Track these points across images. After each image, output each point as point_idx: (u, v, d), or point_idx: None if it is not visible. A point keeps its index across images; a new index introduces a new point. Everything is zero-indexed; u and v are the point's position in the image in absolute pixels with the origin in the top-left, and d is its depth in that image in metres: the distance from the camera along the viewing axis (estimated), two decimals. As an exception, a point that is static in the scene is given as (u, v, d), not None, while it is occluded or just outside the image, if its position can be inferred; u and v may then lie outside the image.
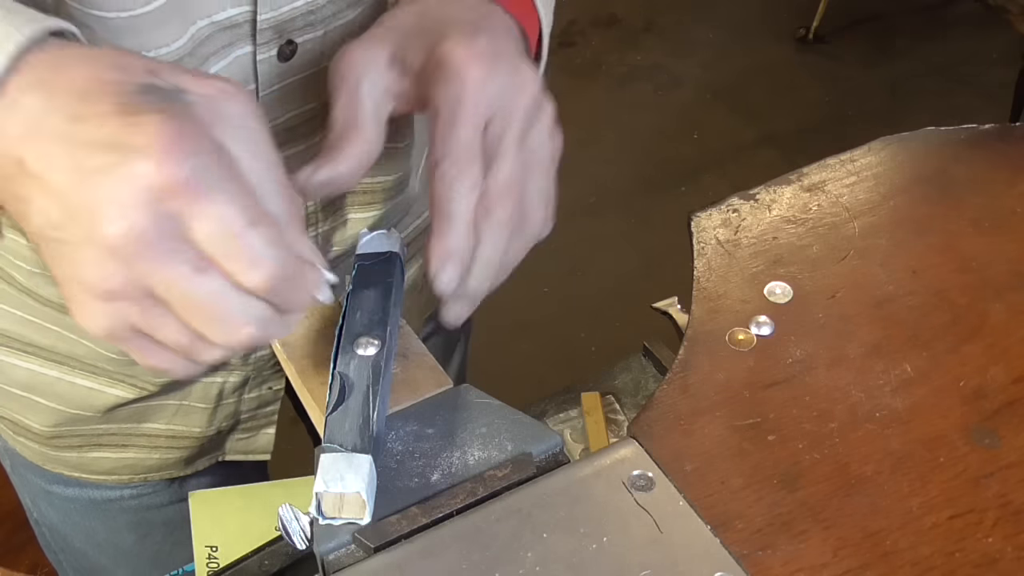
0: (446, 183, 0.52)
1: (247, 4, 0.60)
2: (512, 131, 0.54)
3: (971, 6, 2.62)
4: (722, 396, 0.60)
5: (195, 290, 0.44)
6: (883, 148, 0.76)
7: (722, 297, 0.65)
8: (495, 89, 0.53)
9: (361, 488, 0.50)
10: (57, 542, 0.95)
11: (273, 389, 0.85)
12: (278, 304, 0.46)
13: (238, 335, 0.45)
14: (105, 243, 0.42)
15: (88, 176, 0.42)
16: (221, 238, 0.44)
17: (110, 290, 0.43)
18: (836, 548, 0.53)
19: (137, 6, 0.55)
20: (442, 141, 0.52)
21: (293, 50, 0.64)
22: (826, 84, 2.69)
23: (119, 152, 0.42)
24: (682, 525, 0.52)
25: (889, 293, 0.65)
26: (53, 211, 0.43)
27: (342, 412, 0.52)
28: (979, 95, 2.59)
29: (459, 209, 0.52)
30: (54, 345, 0.76)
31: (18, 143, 0.43)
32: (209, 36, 0.60)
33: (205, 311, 0.44)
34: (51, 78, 0.44)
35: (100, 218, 0.42)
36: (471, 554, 0.50)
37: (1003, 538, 0.53)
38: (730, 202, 0.72)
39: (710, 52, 2.80)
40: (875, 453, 0.57)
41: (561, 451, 0.55)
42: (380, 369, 0.54)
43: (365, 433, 0.52)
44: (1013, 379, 0.60)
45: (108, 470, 0.85)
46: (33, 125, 0.43)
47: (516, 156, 0.54)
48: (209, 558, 0.82)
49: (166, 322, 0.45)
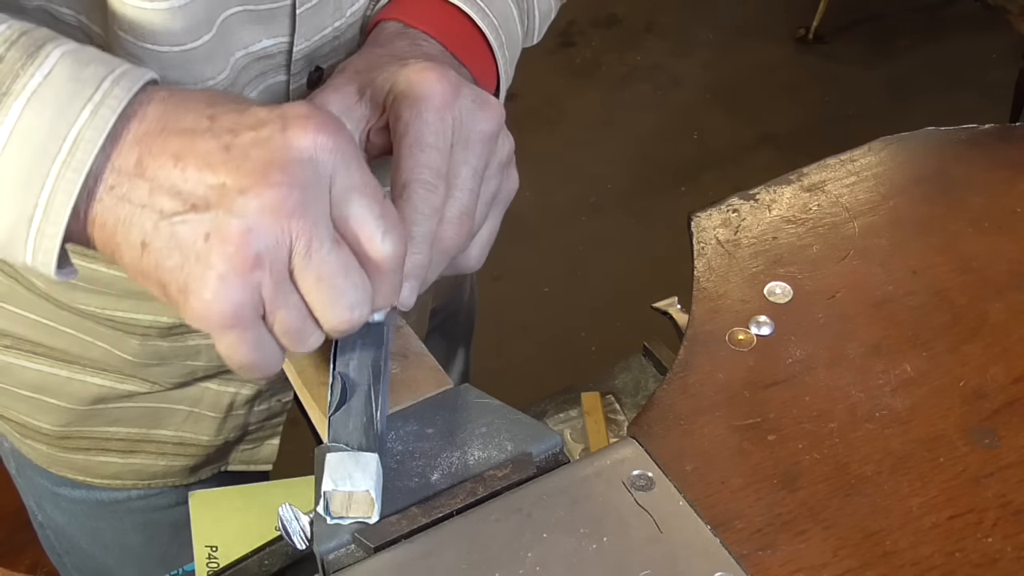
0: (412, 206, 0.52)
1: (283, 36, 0.61)
2: (472, 162, 0.54)
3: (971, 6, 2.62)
4: (722, 396, 0.60)
5: (330, 258, 0.46)
6: (883, 148, 0.76)
7: (722, 297, 0.65)
8: (459, 113, 0.53)
9: (370, 486, 0.50)
10: (62, 544, 0.95)
11: (282, 401, 0.85)
12: (378, 293, 0.49)
13: (347, 313, 0.47)
14: (265, 200, 0.44)
15: (250, 142, 0.45)
16: (362, 204, 0.47)
17: (260, 251, 0.44)
18: (836, 548, 0.53)
19: (188, 41, 0.56)
20: (409, 162, 0.53)
21: (320, 76, 0.65)
22: (826, 84, 2.69)
23: (276, 121, 0.46)
24: (682, 525, 0.52)
25: (889, 293, 0.65)
26: (200, 186, 0.45)
27: (345, 412, 0.52)
28: (979, 95, 2.59)
29: (422, 232, 0.52)
30: (67, 347, 0.76)
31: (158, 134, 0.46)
32: (245, 67, 0.61)
33: (330, 283, 0.46)
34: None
35: (266, 176, 0.44)
36: (471, 554, 0.50)
37: (1003, 538, 0.53)
38: (730, 202, 0.72)
39: (710, 52, 2.80)
40: (875, 453, 0.57)
41: (561, 451, 0.55)
42: (380, 368, 0.54)
43: (370, 431, 0.52)
44: (1013, 379, 0.60)
45: (114, 474, 0.85)
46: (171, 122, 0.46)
47: (473, 189, 0.54)
48: (209, 558, 0.82)
49: (290, 298, 0.46)
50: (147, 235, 0.45)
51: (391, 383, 0.58)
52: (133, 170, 0.45)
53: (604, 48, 2.83)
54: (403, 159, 0.53)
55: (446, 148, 0.53)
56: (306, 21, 0.61)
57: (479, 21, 0.63)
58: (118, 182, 0.45)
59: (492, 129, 0.54)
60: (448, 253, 0.55)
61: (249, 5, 0.58)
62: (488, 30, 0.63)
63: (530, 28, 0.71)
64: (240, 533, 0.81)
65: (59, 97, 0.45)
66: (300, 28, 0.61)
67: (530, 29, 0.71)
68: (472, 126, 0.54)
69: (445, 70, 0.54)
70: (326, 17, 0.62)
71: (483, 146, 0.54)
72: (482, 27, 0.63)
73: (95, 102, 0.45)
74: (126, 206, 0.45)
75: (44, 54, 0.46)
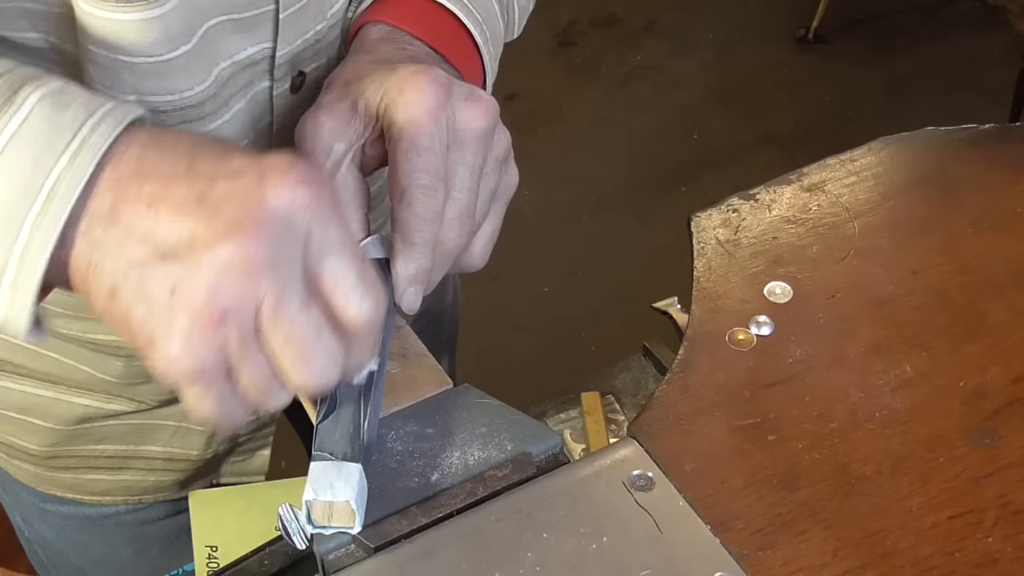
0: (412, 211, 0.52)
1: (267, 42, 0.61)
2: (468, 160, 0.54)
3: (971, 6, 2.62)
4: (722, 396, 0.60)
5: (299, 318, 0.45)
6: (883, 148, 0.76)
7: (722, 297, 0.65)
8: (452, 112, 0.53)
9: (351, 497, 0.49)
10: (51, 558, 0.94)
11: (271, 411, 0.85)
12: (350, 355, 0.47)
13: (315, 376, 0.46)
14: (233, 255, 0.43)
15: (225, 193, 0.44)
16: (338, 265, 0.46)
17: (225, 308, 0.43)
18: (836, 548, 0.53)
19: (164, 51, 0.55)
20: (406, 167, 0.52)
21: (303, 81, 0.64)
22: (826, 84, 2.69)
23: (254, 173, 0.44)
24: (682, 525, 0.52)
25: (889, 293, 0.65)
26: (171, 235, 0.43)
27: (333, 421, 0.52)
28: (979, 95, 2.58)
29: (423, 237, 0.52)
30: (51, 370, 0.76)
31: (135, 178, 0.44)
32: (231, 77, 0.61)
33: (299, 345, 0.45)
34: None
35: (237, 230, 0.43)
36: (471, 554, 0.50)
37: (1003, 538, 0.53)
38: (730, 202, 0.72)
39: (710, 52, 2.80)
40: (875, 453, 0.57)
41: (561, 451, 0.55)
42: (372, 377, 0.54)
43: (356, 442, 0.51)
44: (1013, 379, 0.60)
45: (103, 491, 0.85)
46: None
47: (472, 189, 0.54)
48: (209, 558, 0.82)
49: (257, 357, 0.45)
50: (117, 282, 0.44)
51: (391, 383, 0.58)
52: (107, 215, 0.44)
53: (604, 48, 2.83)
54: (400, 165, 0.52)
55: (442, 150, 0.53)
56: (289, 26, 0.60)
57: (464, 18, 0.62)
58: (91, 226, 0.44)
59: (487, 126, 0.54)
60: (451, 254, 0.54)
61: (232, 14, 0.57)
62: (473, 26, 0.63)
63: (510, 22, 0.71)
64: (240, 533, 0.81)
65: (36, 144, 0.44)
66: (283, 33, 0.60)
67: (510, 23, 0.71)
68: (466, 124, 0.53)
69: (435, 71, 0.54)
70: (308, 21, 0.62)
71: (479, 144, 0.54)
72: (467, 23, 0.63)
73: (72, 151, 0.44)
74: (98, 251, 0.44)
75: (21, 98, 0.44)
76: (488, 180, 0.55)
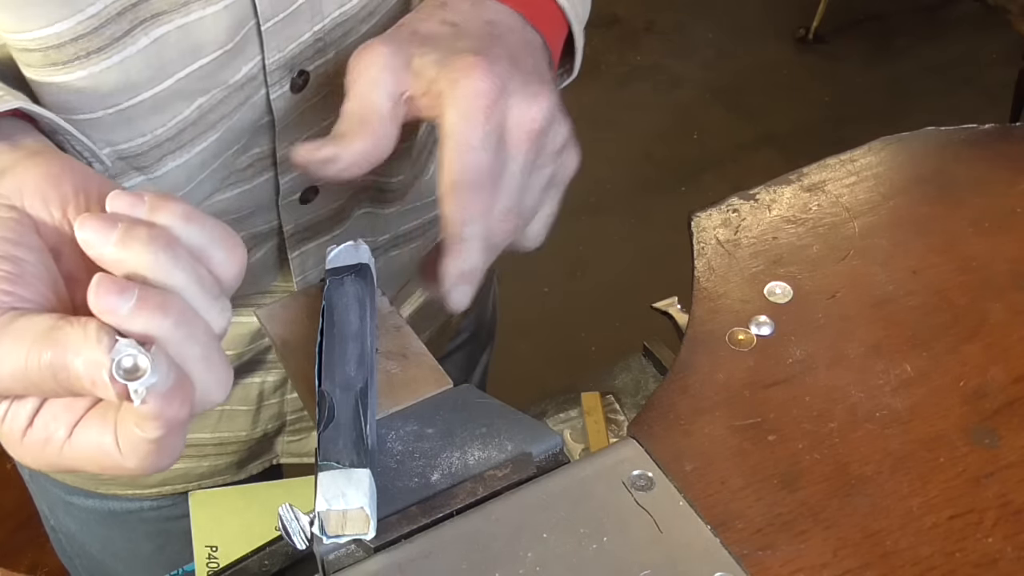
0: (461, 207, 0.52)
1: (255, 55, 0.60)
2: (518, 158, 0.53)
3: (971, 6, 2.62)
4: (722, 396, 0.60)
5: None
6: (883, 148, 0.76)
7: (722, 297, 0.65)
8: (506, 110, 0.53)
9: (364, 503, 0.49)
10: (73, 548, 0.95)
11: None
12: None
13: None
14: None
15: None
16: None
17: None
18: (836, 548, 0.53)
19: (122, 100, 0.55)
20: (457, 164, 0.52)
21: (306, 80, 0.63)
22: (826, 84, 2.69)
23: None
24: (682, 525, 0.52)
25: (889, 293, 0.65)
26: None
27: (334, 429, 0.52)
28: (979, 95, 2.59)
29: (473, 233, 0.52)
30: None
31: None
32: (223, 99, 0.60)
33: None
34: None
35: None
36: (471, 554, 0.50)
37: (1003, 538, 0.53)
38: (730, 202, 0.72)
39: (710, 52, 2.81)
40: (875, 453, 0.57)
41: (561, 451, 0.55)
42: (367, 383, 0.54)
43: (360, 447, 0.51)
44: (1013, 379, 0.60)
45: (159, 481, 0.84)
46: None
47: (520, 184, 0.54)
48: (209, 558, 0.82)
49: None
50: None
51: (391, 383, 0.58)
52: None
53: (604, 48, 2.83)
54: (450, 160, 0.52)
55: (492, 147, 0.52)
56: (276, 35, 0.60)
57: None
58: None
59: (541, 126, 0.53)
60: (497, 248, 0.54)
61: (214, 53, 0.57)
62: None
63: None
64: (240, 533, 0.81)
65: None
66: (270, 42, 0.60)
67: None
68: (520, 123, 0.53)
69: (492, 64, 0.53)
70: (302, 25, 0.61)
71: (531, 144, 0.53)
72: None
73: None
74: None
75: None
76: (542, 171, 0.55)
